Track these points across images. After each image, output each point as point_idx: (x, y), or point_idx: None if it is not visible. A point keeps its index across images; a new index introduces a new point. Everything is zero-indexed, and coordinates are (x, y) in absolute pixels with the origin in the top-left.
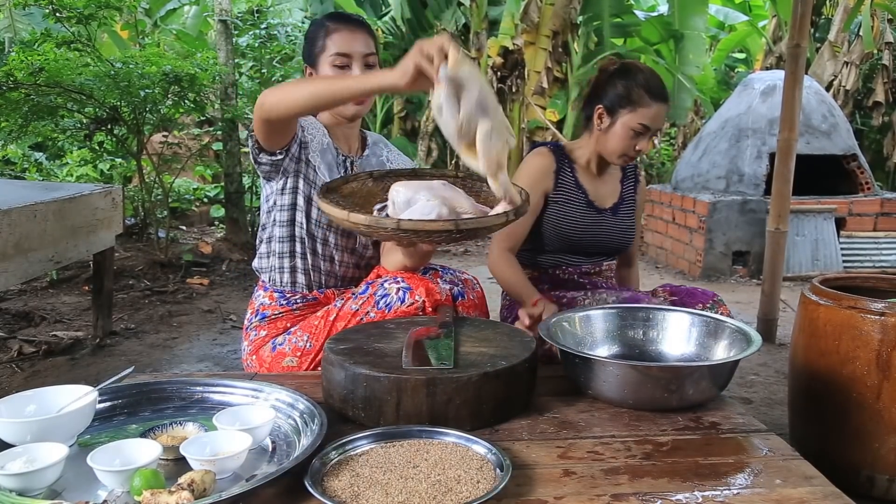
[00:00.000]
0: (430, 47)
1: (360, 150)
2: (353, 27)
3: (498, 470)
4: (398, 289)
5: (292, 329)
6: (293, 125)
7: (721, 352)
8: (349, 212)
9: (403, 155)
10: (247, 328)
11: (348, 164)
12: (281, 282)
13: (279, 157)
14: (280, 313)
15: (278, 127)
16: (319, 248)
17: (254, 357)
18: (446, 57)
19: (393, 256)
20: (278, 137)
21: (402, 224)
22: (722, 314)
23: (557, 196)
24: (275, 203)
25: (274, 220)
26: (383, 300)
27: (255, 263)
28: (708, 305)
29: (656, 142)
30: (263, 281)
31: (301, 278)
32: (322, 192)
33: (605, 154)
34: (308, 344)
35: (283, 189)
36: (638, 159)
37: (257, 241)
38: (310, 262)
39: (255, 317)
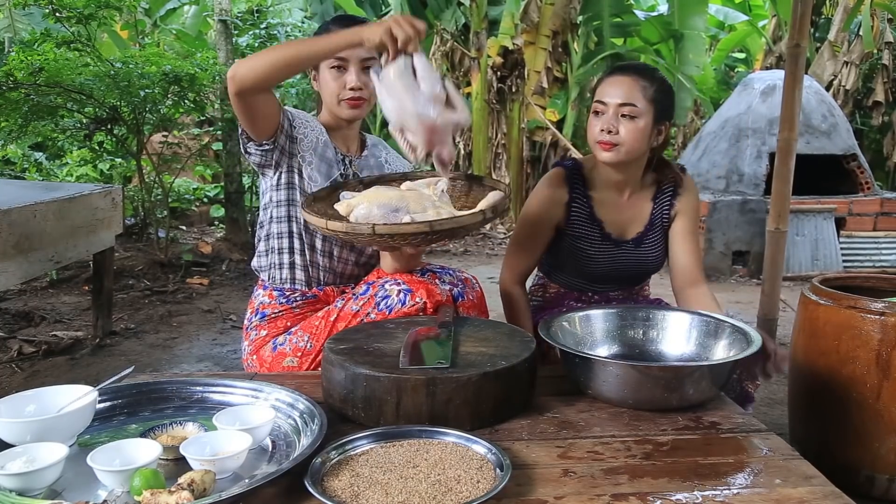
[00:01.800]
0: (405, 21)
1: (359, 151)
2: None
3: (498, 470)
4: (399, 290)
5: (293, 329)
6: (271, 103)
7: (721, 352)
8: (327, 220)
9: (402, 157)
10: (247, 328)
11: (347, 162)
12: (280, 278)
13: (267, 146)
14: (280, 312)
15: (254, 103)
16: (318, 244)
17: (254, 357)
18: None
19: (386, 260)
20: (260, 121)
21: (378, 229)
22: None
23: (570, 231)
24: (271, 199)
25: (271, 217)
26: (384, 301)
27: (255, 262)
28: None
29: (624, 123)
30: (263, 280)
31: (300, 274)
32: (307, 202)
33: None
34: (308, 344)
35: (277, 185)
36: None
37: (256, 240)
38: (308, 257)
39: (255, 316)
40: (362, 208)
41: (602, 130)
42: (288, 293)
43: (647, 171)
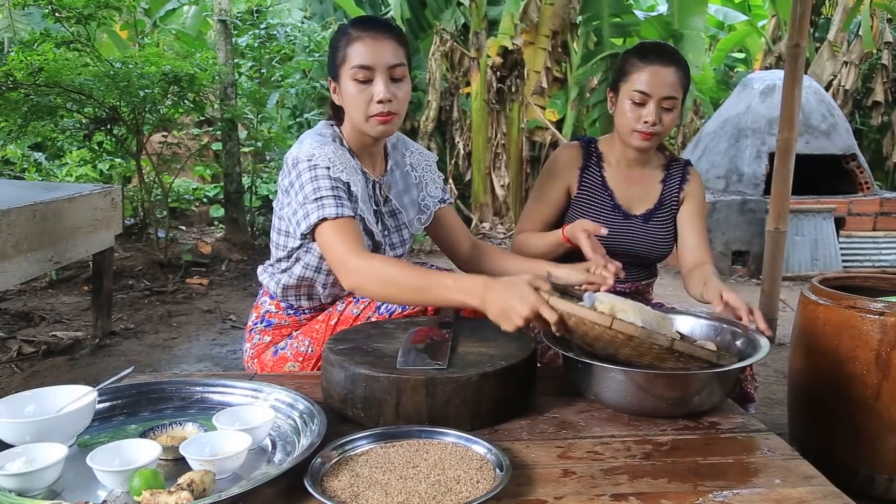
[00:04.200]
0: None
1: (383, 166)
2: (377, 34)
3: (497, 470)
4: None
5: (294, 333)
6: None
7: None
8: (613, 318)
9: (424, 150)
10: (251, 330)
11: (376, 188)
12: (294, 301)
13: None
14: (287, 322)
15: None
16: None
17: (255, 361)
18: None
19: (512, 263)
20: None
21: (676, 345)
22: None
23: (581, 196)
24: (300, 245)
25: (299, 260)
26: (384, 305)
27: (269, 284)
28: None
29: (664, 114)
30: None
31: (314, 302)
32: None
33: (621, 137)
34: (310, 349)
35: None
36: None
37: (273, 262)
38: (329, 288)
39: (261, 322)
40: (629, 315)
41: (646, 122)
42: (297, 307)
43: (657, 151)
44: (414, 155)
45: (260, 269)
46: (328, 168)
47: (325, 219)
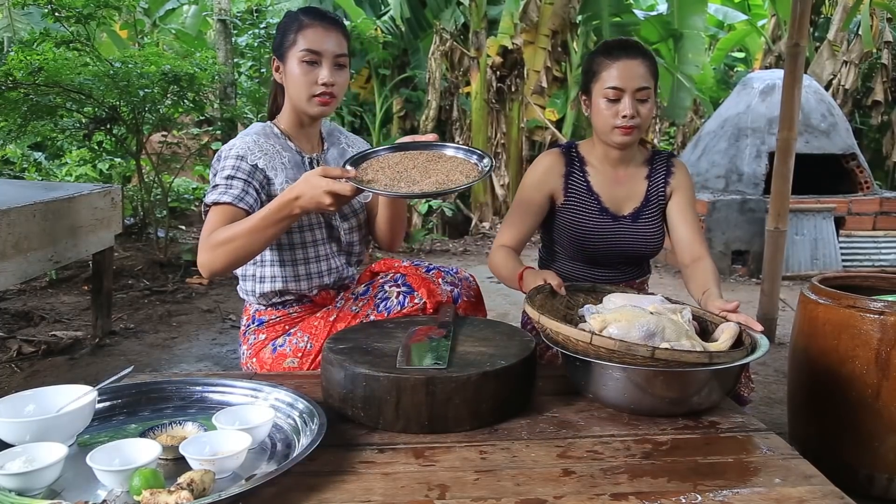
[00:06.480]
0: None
1: (320, 146)
2: (327, 24)
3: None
4: (398, 293)
5: (292, 330)
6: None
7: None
8: (592, 335)
9: (359, 139)
10: (244, 332)
11: (313, 164)
12: (272, 299)
13: None
14: (277, 318)
15: None
16: (312, 266)
17: (254, 360)
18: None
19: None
20: None
21: (658, 353)
22: None
23: (568, 202)
24: None
25: (262, 260)
26: (383, 304)
27: (243, 292)
28: None
29: (640, 106)
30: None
31: (292, 289)
32: (535, 304)
33: (601, 137)
34: (309, 345)
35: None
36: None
37: (242, 271)
38: (302, 270)
39: (253, 323)
40: (618, 327)
41: (624, 117)
42: (283, 301)
43: (639, 145)
44: (349, 138)
45: (238, 288)
46: (239, 157)
47: (207, 205)
